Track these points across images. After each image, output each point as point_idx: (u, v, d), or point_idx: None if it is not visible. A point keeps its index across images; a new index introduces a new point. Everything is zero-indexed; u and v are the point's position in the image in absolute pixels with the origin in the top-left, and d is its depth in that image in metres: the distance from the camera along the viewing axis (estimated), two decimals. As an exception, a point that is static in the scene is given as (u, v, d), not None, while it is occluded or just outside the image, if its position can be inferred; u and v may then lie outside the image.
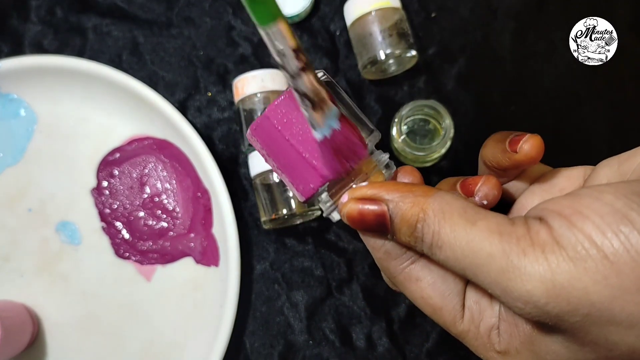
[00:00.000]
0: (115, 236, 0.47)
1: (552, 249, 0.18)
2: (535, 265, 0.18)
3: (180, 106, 0.48)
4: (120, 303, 0.46)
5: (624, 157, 0.26)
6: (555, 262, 0.18)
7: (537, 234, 0.19)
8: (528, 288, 0.19)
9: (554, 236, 0.19)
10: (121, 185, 0.47)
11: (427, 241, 0.22)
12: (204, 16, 0.50)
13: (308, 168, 0.23)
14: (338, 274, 0.46)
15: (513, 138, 0.26)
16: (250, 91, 0.43)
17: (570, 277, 0.18)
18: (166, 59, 0.49)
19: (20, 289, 0.46)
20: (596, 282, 0.18)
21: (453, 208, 0.21)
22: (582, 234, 0.18)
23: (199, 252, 0.46)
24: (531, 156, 0.25)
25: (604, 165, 0.26)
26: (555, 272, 0.18)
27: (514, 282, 0.19)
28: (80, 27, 0.50)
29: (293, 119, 0.23)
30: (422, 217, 0.22)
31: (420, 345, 0.45)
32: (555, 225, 0.19)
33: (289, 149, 0.23)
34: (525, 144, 0.25)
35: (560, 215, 0.19)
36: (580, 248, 0.18)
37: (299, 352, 0.45)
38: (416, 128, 0.46)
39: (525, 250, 0.19)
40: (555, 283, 0.18)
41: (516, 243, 0.19)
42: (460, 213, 0.21)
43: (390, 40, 0.44)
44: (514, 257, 0.19)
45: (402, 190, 0.23)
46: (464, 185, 0.27)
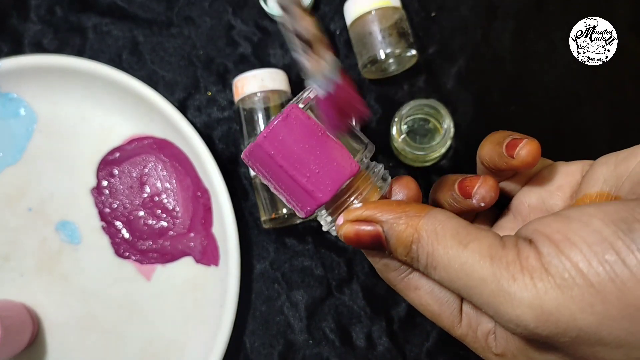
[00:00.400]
0: (115, 235, 0.47)
1: (540, 276, 0.19)
2: (524, 291, 0.19)
3: (180, 105, 0.48)
4: (120, 302, 0.46)
5: (621, 155, 0.26)
6: (543, 289, 0.19)
7: (527, 260, 0.20)
8: (518, 313, 0.19)
9: (542, 262, 0.19)
10: (121, 184, 0.47)
11: (422, 262, 0.22)
12: (203, 15, 0.50)
13: (303, 193, 0.24)
14: (338, 274, 0.46)
15: (510, 142, 0.26)
16: (250, 90, 0.43)
17: (558, 304, 0.19)
18: (166, 58, 0.49)
19: (20, 288, 0.46)
20: (582, 309, 0.18)
21: (446, 229, 0.22)
22: (570, 262, 0.19)
23: (198, 252, 0.46)
24: (527, 162, 0.26)
25: (602, 164, 0.26)
26: (543, 299, 0.19)
27: (504, 306, 0.20)
28: (80, 26, 0.50)
29: (286, 144, 0.24)
30: (417, 238, 0.22)
31: (420, 345, 0.45)
32: (544, 251, 0.19)
33: (284, 174, 0.24)
34: (522, 150, 0.25)
35: (550, 240, 0.20)
36: (567, 276, 0.19)
37: (298, 352, 0.45)
38: (416, 127, 0.46)
39: (514, 276, 0.19)
40: (544, 309, 0.19)
41: (506, 268, 0.20)
42: (453, 234, 0.21)
43: (390, 39, 0.44)
44: (504, 282, 0.20)
45: (395, 210, 0.23)
46: (461, 186, 0.27)
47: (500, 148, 0.27)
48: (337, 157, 0.24)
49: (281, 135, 0.23)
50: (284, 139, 0.23)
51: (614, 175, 0.25)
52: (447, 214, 0.23)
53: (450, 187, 0.28)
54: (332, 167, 0.24)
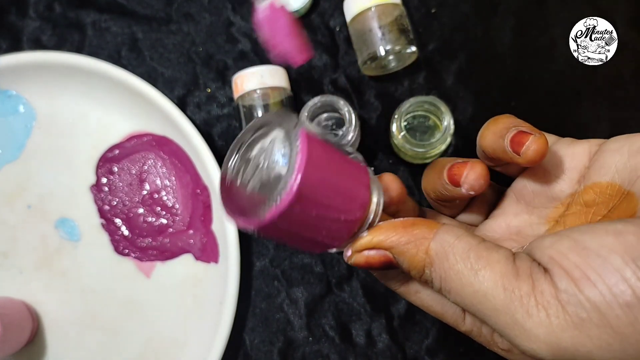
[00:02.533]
0: (115, 233, 0.47)
1: (556, 313, 0.19)
2: (540, 328, 0.19)
3: (180, 102, 0.48)
4: (120, 300, 0.46)
5: (636, 144, 0.25)
6: (560, 327, 0.19)
7: (542, 294, 0.19)
8: (534, 347, 0.19)
9: (559, 299, 0.19)
10: (120, 181, 0.47)
11: (436, 285, 0.22)
12: (203, 12, 0.49)
13: (339, 227, 0.22)
14: (338, 271, 0.46)
15: (516, 136, 0.25)
16: (250, 87, 0.43)
17: (575, 342, 0.18)
18: (165, 55, 0.49)
19: (20, 285, 0.46)
20: (600, 347, 0.18)
21: (456, 252, 0.21)
22: (589, 303, 0.18)
23: (198, 249, 0.46)
24: (535, 161, 0.25)
25: (614, 150, 0.25)
26: (560, 336, 0.19)
27: (520, 338, 0.19)
28: (79, 22, 0.50)
29: (314, 190, 0.20)
30: (429, 262, 0.22)
31: (420, 342, 0.45)
32: (562, 287, 0.19)
33: (314, 221, 0.21)
34: (529, 150, 0.24)
35: (568, 275, 0.19)
36: (585, 316, 0.18)
37: (298, 349, 0.46)
38: (416, 124, 0.45)
39: (529, 311, 0.19)
40: (560, 346, 0.19)
41: (520, 302, 0.19)
42: (464, 258, 0.21)
43: (390, 36, 0.44)
44: (519, 317, 0.19)
45: (402, 233, 0.22)
46: (450, 174, 0.27)
47: (504, 141, 0.25)
48: (354, 176, 0.22)
49: (309, 185, 0.19)
50: (312, 185, 0.19)
51: (628, 168, 0.24)
52: (455, 233, 0.22)
53: (440, 174, 0.27)
54: (354, 188, 0.22)
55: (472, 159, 0.27)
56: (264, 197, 0.20)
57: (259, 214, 0.19)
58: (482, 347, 0.45)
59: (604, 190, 0.25)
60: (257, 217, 0.19)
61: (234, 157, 0.22)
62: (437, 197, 0.29)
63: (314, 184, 0.19)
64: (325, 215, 0.20)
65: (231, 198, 0.22)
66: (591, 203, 0.26)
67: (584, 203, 0.26)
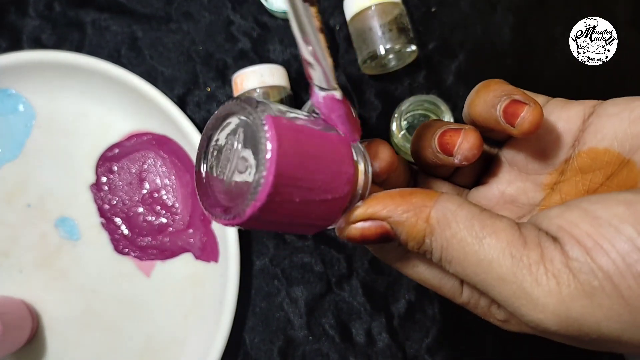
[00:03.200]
0: (115, 232, 0.47)
1: (567, 282, 0.18)
2: (549, 297, 0.18)
3: (180, 101, 0.48)
4: (120, 299, 0.46)
5: (636, 111, 0.23)
6: (570, 296, 0.18)
7: (552, 262, 0.18)
8: (541, 317, 0.19)
9: (570, 267, 0.18)
10: (120, 181, 0.47)
11: (436, 255, 0.21)
12: (202, 11, 0.49)
13: (324, 207, 0.21)
14: (338, 270, 0.46)
15: (510, 106, 0.24)
16: (250, 86, 0.43)
17: (584, 311, 0.18)
18: (165, 54, 0.49)
19: (20, 284, 0.46)
20: (609, 317, 0.18)
21: (459, 219, 0.20)
22: (602, 272, 0.18)
23: (198, 248, 0.46)
24: (530, 133, 0.23)
25: (612, 115, 0.24)
26: (569, 306, 0.18)
27: (526, 308, 0.19)
28: (78, 21, 0.50)
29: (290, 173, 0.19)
30: (429, 232, 0.20)
31: (420, 341, 0.45)
32: (573, 255, 0.18)
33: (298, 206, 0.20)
34: (525, 121, 0.23)
35: (580, 244, 0.18)
36: (597, 284, 0.18)
37: (298, 348, 0.45)
38: (416, 123, 0.45)
39: (538, 280, 0.18)
40: (569, 316, 0.18)
41: (528, 270, 0.19)
42: (467, 227, 0.20)
43: (390, 35, 0.44)
44: (527, 285, 0.18)
45: (400, 203, 0.21)
46: (441, 142, 0.25)
47: (496, 111, 0.24)
48: (333, 151, 0.21)
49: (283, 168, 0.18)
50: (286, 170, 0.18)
51: (629, 135, 0.23)
52: (457, 201, 0.21)
53: (430, 140, 0.26)
54: (335, 164, 0.21)
55: (465, 126, 0.25)
56: (241, 191, 0.19)
57: (238, 210, 0.19)
58: (482, 346, 0.45)
59: (601, 156, 0.24)
60: (237, 214, 0.19)
61: (204, 151, 0.22)
62: (426, 162, 0.28)
63: (290, 172, 0.19)
64: (310, 199, 0.20)
65: (208, 194, 0.21)
66: (587, 169, 0.25)
67: (579, 169, 0.26)
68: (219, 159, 0.21)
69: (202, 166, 0.22)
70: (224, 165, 0.21)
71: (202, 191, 0.21)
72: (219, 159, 0.21)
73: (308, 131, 0.20)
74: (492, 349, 0.45)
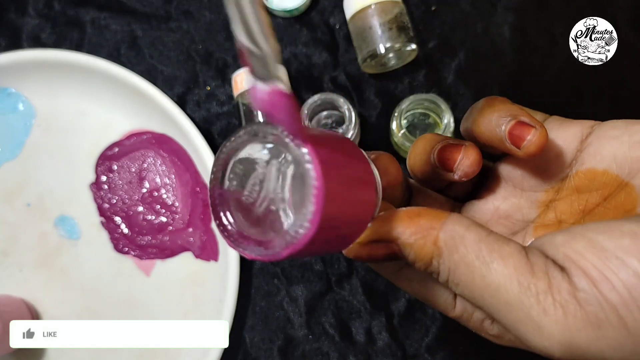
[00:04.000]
0: (114, 231, 0.47)
1: (574, 312, 0.19)
2: (555, 326, 0.19)
3: (179, 100, 0.48)
4: (119, 298, 0.46)
5: (636, 135, 0.24)
6: (575, 326, 0.18)
7: (559, 292, 0.19)
8: (546, 344, 0.19)
9: (577, 298, 0.19)
10: (120, 179, 0.47)
11: (443, 276, 0.21)
12: (202, 10, 0.49)
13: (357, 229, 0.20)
14: (338, 269, 0.46)
15: (516, 128, 0.24)
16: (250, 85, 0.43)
17: (589, 341, 0.18)
18: (165, 52, 0.49)
19: (19, 283, 0.46)
20: (613, 348, 0.18)
21: (466, 243, 0.20)
22: (608, 304, 0.18)
23: (198, 247, 0.46)
24: (535, 156, 0.24)
25: (612, 138, 0.24)
26: (574, 335, 0.19)
27: (532, 335, 0.19)
28: (78, 20, 0.50)
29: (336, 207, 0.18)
30: (437, 254, 0.21)
31: (420, 340, 0.45)
32: (580, 286, 0.19)
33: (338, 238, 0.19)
34: (532, 145, 0.23)
35: (587, 276, 0.19)
36: (603, 316, 0.18)
37: (298, 347, 0.45)
38: (416, 122, 0.45)
39: (546, 309, 0.19)
40: (573, 345, 0.19)
41: (536, 299, 0.19)
42: (475, 250, 0.20)
43: (390, 33, 0.44)
44: (534, 314, 0.19)
45: (406, 223, 0.21)
46: (441, 157, 0.25)
47: (501, 131, 0.24)
48: (364, 178, 0.20)
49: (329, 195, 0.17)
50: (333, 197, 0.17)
51: (628, 158, 0.24)
52: (464, 223, 0.21)
53: (428, 155, 0.26)
54: (367, 193, 0.20)
55: (465, 142, 0.25)
56: (273, 225, 0.18)
57: (275, 250, 0.18)
58: (482, 345, 0.45)
59: (599, 177, 0.25)
60: (273, 253, 0.18)
61: (222, 172, 0.20)
62: (422, 175, 0.28)
63: (334, 213, 0.18)
64: (345, 233, 0.20)
65: (228, 220, 0.19)
66: (583, 189, 0.26)
67: (576, 188, 0.26)
68: (243, 182, 0.20)
69: (222, 186, 0.20)
70: (252, 191, 0.19)
71: (222, 214, 0.19)
72: (243, 182, 0.20)
73: (343, 157, 0.19)
74: (492, 348, 0.45)
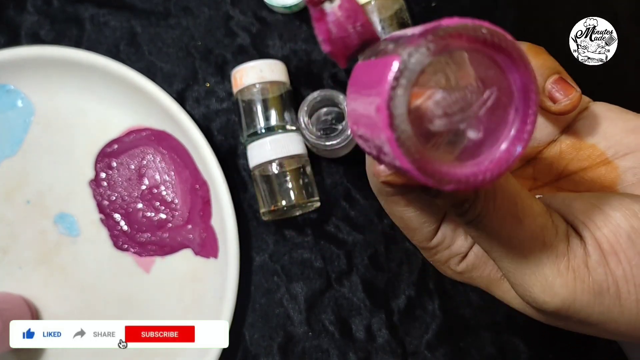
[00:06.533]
0: (114, 228, 0.47)
1: (582, 278, 0.21)
2: (564, 289, 0.21)
3: (179, 97, 0.48)
4: (119, 295, 0.46)
5: (630, 123, 0.26)
6: (581, 290, 0.21)
7: (575, 258, 0.21)
8: (547, 299, 0.21)
9: (588, 265, 0.21)
10: (119, 176, 0.47)
11: (467, 218, 0.21)
12: (202, 6, 0.49)
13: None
14: (338, 266, 0.46)
15: (560, 82, 0.25)
16: (249, 82, 0.43)
17: (585, 304, 0.21)
18: (164, 49, 0.49)
19: (19, 280, 0.46)
20: (601, 313, 0.21)
21: (505, 194, 0.20)
22: (612, 276, 0.21)
23: (197, 244, 0.46)
24: (566, 113, 0.25)
25: (607, 118, 0.26)
26: (577, 298, 0.21)
27: (537, 288, 0.21)
28: (77, 17, 0.49)
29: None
30: (473, 198, 0.20)
31: (419, 337, 0.45)
32: (593, 257, 0.21)
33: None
34: (570, 104, 0.25)
35: (600, 248, 0.21)
36: (605, 285, 0.21)
37: (298, 344, 0.45)
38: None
39: (560, 271, 0.21)
40: (572, 305, 0.21)
41: (554, 259, 0.21)
42: (511, 204, 0.20)
43: (390, 30, 0.43)
44: (549, 272, 0.21)
45: None
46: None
47: (543, 83, 0.26)
48: None
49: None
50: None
51: (619, 142, 0.26)
52: (505, 176, 0.21)
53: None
54: None
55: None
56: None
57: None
58: (481, 342, 0.45)
59: (585, 149, 0.27)
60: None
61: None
62: None
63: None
64: None
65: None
66: (566, 155, 0.28)
67: (560, 153, 0.28)
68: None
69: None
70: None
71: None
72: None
73: None
74: (491, 345, 0.45)
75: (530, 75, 0.16)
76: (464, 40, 0.15)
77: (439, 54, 0.15)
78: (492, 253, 0.22)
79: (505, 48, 0.15)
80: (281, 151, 0.42)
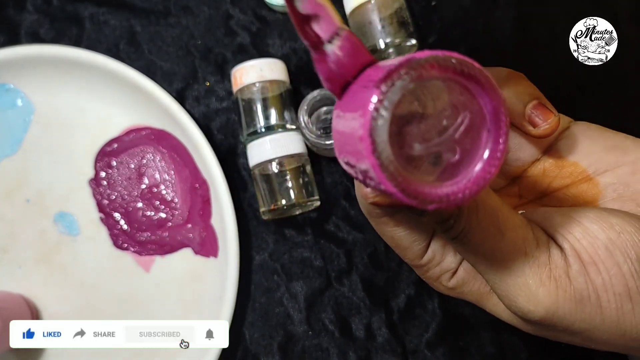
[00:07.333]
0: (114, 227, 0.47)
1: (564, 287, 0.21)
2: (547, 297, 0.21)
3: (178, 96, 0.48)
4: (119, 294, 0.46)
5: (609, 140, 0.27)
6: (563, 299, 0.21)
7: (556, 269, 0.22)
8: (531, 309, 0.22)
9: (569, 275, 0.22)
10: (119, 176, 0.47)
11: (452, 234, 0.22)
12: (201, 5, 0.49)
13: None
14: (337, 265, 0.46)
15: (539, 108, 0.26)
16: (249, 81, 0.43)
17: (568, 312, 0.22)
18: (164, 48, 0.49)
19: (19, 280, 0.46)
20: (583, 320, 0.22)
21: (486, 209, 0.21)
22: (592, 285, 0.21)
23: (197, 243, 0.46)
24: (545, 137, 0.26)
25: (588, 137, 0.28)
26: (559, 306, 0.21)
27: (522, 299, 0.22)
28: (76, 16, 0.49)
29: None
30: (457, 215, 0.21)
31: (419, 336, 0.45)
32: (574, 267, 0.22)
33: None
34: (549, 128, 0.26)
35: (580, 259, 0.22)
36: (586, 294, 0.21)
37: (298, 343, 0.45)
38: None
39: (542, 280, 0.21)
40: (555, 313, 0.22)
41: (536, 270, 0.22)
42: (493, 218, 0.21)
43: (390, 28, 0.43)
44: (532, 282, 0.21)
45: None
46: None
47: (523, 108, 0.27)
48: None
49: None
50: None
51: (599, 160, 0.27)
52: (485, 189, 0.22)
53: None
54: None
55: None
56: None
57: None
58: (481, 341, 0.45)
59: (567, 167, 0.28)
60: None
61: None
62: None
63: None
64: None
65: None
66: (550, 173, 0.29)
67: (544, 171, 0.29)
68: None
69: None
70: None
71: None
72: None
73: None
74: (491, 344, 0.45)
75: (500, 98, 0.17)
76: (436, 70, 0.17)
77: (414, 84, 0.17)
78: (478, 266, 0.23)
79: (474, 75, 0.17)
80: (281, 150, 0.42)
